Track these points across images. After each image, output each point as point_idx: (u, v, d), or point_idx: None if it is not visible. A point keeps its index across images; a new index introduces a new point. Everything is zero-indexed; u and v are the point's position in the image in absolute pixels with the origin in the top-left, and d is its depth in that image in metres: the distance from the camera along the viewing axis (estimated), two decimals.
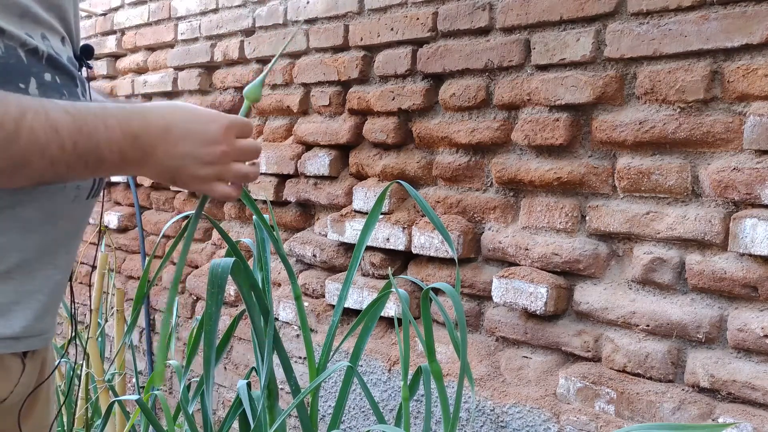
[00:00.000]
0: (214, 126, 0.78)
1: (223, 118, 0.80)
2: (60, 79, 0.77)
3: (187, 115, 0.78)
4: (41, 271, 0.79)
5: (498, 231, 1.61)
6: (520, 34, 1.54)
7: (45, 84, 0.75)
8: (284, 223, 2.16)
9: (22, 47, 0.73)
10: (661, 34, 1.32)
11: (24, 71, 0.72)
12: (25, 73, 0.72)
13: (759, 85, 1.21)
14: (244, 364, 2.17)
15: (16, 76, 0.71)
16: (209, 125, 0.78)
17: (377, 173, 1.86)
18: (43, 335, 0.82)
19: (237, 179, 0.83)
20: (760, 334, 1.19)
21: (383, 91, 1.81)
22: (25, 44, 0.73)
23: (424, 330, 1.12)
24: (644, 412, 1.30)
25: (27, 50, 0.73)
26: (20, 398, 0.81)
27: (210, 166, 0.79)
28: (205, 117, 0.79)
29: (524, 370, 1.52)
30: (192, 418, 1.25)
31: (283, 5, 2.11)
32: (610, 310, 1.39)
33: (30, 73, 0.73)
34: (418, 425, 1.64)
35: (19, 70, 0.72)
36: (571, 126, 1.47)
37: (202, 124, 0.78)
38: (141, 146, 0.75)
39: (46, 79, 0.75)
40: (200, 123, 0.78)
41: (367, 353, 1.74)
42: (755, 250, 1.19)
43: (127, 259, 2.82)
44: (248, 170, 0.83)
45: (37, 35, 0.75)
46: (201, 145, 0.78)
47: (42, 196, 0.77)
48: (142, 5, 2.71)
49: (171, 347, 1.65)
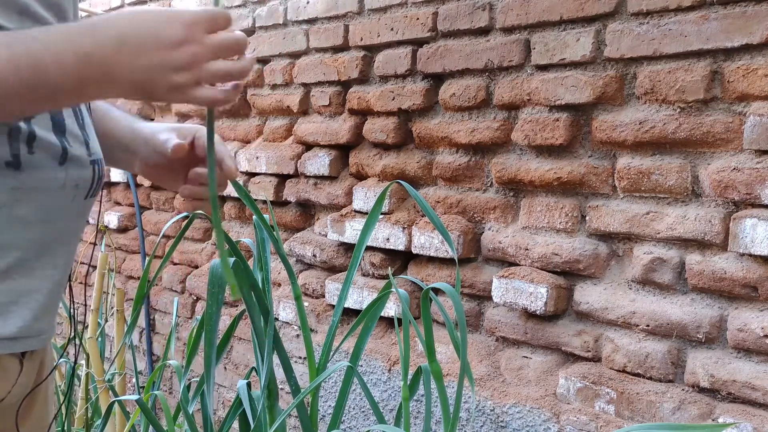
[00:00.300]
0: (175, 26, 0.69)
1: (185, 14, 0.69)
2: None
3: (143, 20, 0.69)
4: (39, 271, 0.79)
5: (498, 231, 1.61)
6: (520, 34, 1.54)
7: None
8: (284, 223, 2.16)
9: None
10: (661, 34, 1.32)
11: None
12: None
13: (759, 85, 1.21)
14: (244, 364, 2.17)
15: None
16: (169, 26, 0.69)
17: (377, 173, 1.86)
18: (41, 336, 0.81)
19: (219, 79, 0.73)
20: (760, 334, 1.19)
21: (383, 91, 1.81)
22: None
23: (424, 330, 1.12)
24: (644, 412, 1.30)
25: None
26: (18, 399, 0.81)
27: (183, 72, 0.70)
28: (164, 17, 0.69)
29: (524, 370, 1.52)
30: (192, 418, 1.25)
31: (283, 5, 2.11)
32: (610, 310, 1.39)
33: None
34: (418, 425, 1.64)
35: None
36: (571, 126, 1.47)
37: (160, 26, 0.69)
38: (97, 64, 0.67)
39: None
40: (158, 25, 0.69)
41: (367, 353, 1.74)
42: (755, 250, 1.20)
43: (127, 259, 2.82)
44: (229, 67, 0.73)
45: None
46: (164, 50, 0.68)
47: (39, 195, 0.76)
48: (142, 5, 2.71)
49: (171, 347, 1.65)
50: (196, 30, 0.70)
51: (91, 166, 0.83)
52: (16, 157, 0.73)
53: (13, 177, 0.73)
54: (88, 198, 0.84)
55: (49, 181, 0.77)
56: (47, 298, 0.80)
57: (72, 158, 0.79)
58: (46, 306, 0.81)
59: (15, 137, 0.72)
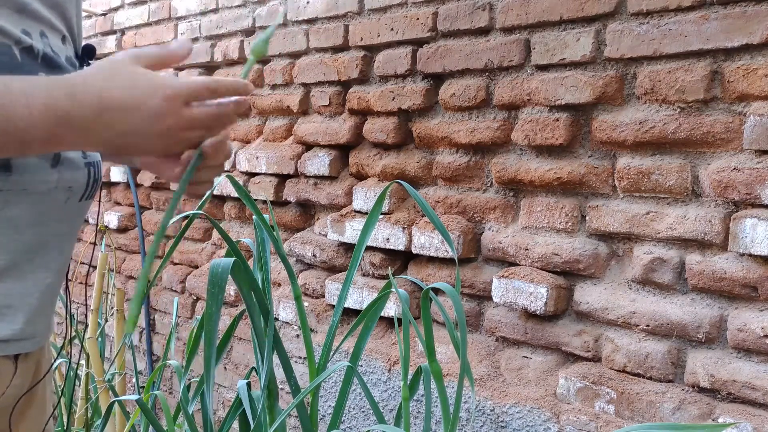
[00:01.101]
0: (155, 100, 0.69)
1: (166, 87, 0.69)
2: None
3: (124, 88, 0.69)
4: (32, 274, 0.78)
5: (498, 231, 1.61)
6: (520, 34, 1.54)
7: None
8: (284, 223, 2.16)
9: (17, 45, 0.72)
10: (661, 34, 1.32)
11: (16, 70, 0.71)
12: (16, 72, 0.71)
13: (759, 85, 1.21)
14: (244, 364, 2.17)
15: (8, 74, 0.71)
16: (150, 98, 0.69)
17: (377, 173, 1.86)
18: (35, 339, 0.81)
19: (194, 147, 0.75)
20: (760, 334, 1.19)
21: (383, 91, 1.81)
22: (20, 42, 0.72)
23: (424, 330, 1.12)
24: (644, 412, 1.30)
25: (22, 48, 0.72)
26: (13, 400, 0.81)
27: (158, 139, 0.71)
28: (145, 87, 0.69)
29: (524, 370, 1.52)
30: (192, 418, 1.25)
31: (283, 5, 2.11)
32: (610, 310, 1.39)
33: (22, 72, 0.72)
34: (418, 425, 1.64)
35: (11, 68, 0.70)
36: (571, 126, 1.47)
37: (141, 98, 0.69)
38: (76, 126, 0.67)
39: None
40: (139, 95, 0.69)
41: (367, 353, 1.74)
42: (755, 250, 1.20)
43: (127, 259, 2.82)
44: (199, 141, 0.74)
45: (35, 32, 0.75)
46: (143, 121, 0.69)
47: (31, 197, 0.75)
48: (142, 5, 2.71)
49: (171, 347, 1.65)
50: (175, 103, 0.70)
51: (85, 168, 0.81)
52: (6, 159, 0.72)
53: (3, 179, 0.72)
54: (84, 200, 0.83)
55: (40, 184, 0.76)
56: (40, 301, 0.80)
57: (65, 160, 0.78)
58: (39, 309, 0.80)
59: None
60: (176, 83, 0.71)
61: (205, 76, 0.75)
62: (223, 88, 0.74)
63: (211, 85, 0.73)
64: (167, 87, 0.70)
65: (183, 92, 0.71)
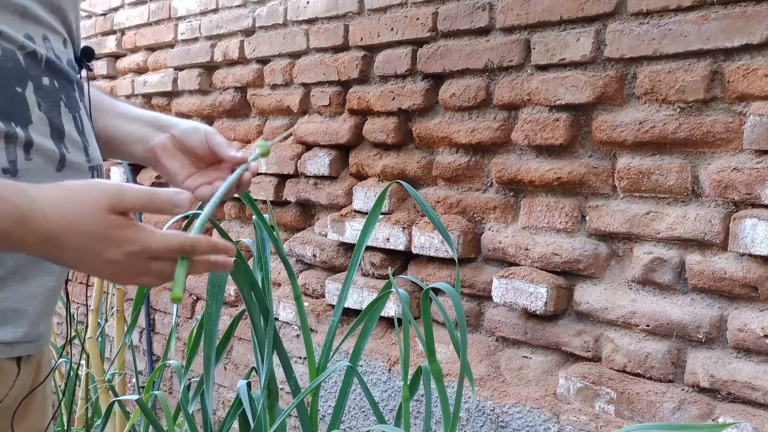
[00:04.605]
0: (111, 251, 0.65)
1: (131, 244, 0.65)
2: (58, 83, 0.77)
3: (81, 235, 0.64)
4: (36, 278, 0.78)
5: (498, 231, 1.61)
6: (520, 34, 1.54)
7: (42, 88, 0.74)
8: (284, 223, 2.16)
9: (21, 50, 0.72)
10: (661, 34, 1.32)
11: (21, 75, 0.71)
12: (22, 77, 0.71)
13: (759, 85, 1.21)
14: (244, 364, 2.17)
15: (13, 80, 0.71)
16: (106, 251, 0.65)
17: (377, 173, 1.86)
18: (38, 341, 0.81)
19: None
20: (760, 334, 1.19)
21: (383, 91, 1.81)
22: (24, 47, 0.72)
23: (424, 330, 1.12)
24: (644, 412, 1.30)
25: (25, 53, 0.72)
26: (15, 401, 0.81)
27: (113, 275, 0.69)
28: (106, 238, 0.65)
29: (524, 370, 1.52)
30: (192, 418, 1.25)
31: (283, 5, 2.11)
32: (610, 310, 1.39)
33: (27, 77, 0.72)
34: (418, 425, 1.64)
35: (17, 73, 0.71)
36: (571, 126, 1.47)
37: (98, 247, 0.65)
38: (17, 249, 0.65)
39: (43, 83, 0.74)
40: (97, 245, 0.65)
41: (367, 353, 1.74)
42: (755, 250, 1.20)
43: None
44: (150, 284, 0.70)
45: (38, 36, 0.75)
46: (100, 263, 0.67)
47: None
48: (142, 5, 2.71)
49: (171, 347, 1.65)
50: (138, 260, 0.67)
51: (89, 172, 0.81)
52: (12, 164, 0.71)
53: None
54: None
55: None
56: (43, 304, 0.80)
57: (70, 165, 0.78)
58: (43, 312, 0.81)
59: (12, 143, 0.71)
60: (145, 241, 0.66)
61: (183, 236, 0.68)
62: (200, 249, 0.68)
63: (187, 247, 0.67)
64: (132, 243, 0.65)
65: (151, 251, 0.66)
